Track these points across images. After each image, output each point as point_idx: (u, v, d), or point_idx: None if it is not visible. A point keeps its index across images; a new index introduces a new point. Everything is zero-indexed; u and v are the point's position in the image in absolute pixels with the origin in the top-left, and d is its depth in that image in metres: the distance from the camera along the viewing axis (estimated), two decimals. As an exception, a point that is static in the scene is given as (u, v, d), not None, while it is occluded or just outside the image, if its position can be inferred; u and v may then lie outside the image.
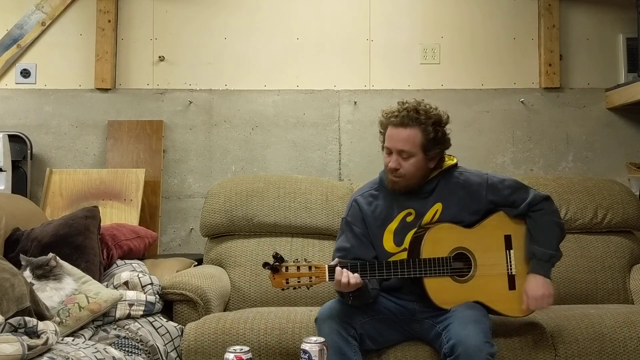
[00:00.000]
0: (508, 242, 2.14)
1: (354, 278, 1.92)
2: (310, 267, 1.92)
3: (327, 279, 1.92)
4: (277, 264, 1.89)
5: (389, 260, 2.05)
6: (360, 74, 3.51)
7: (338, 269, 1.93)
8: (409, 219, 2.16)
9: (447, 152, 2.21)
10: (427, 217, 2.14)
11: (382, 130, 2.17)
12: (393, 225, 2.16)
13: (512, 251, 2.14)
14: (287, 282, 1.90)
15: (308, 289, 1.95)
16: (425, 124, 2.07)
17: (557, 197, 2.84)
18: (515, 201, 2.15)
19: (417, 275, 2.03)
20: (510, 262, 2.13)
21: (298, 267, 1.91)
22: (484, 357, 1.85)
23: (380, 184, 2.25)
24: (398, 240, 2.15)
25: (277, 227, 2.85)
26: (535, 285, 2.08)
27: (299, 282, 1.91)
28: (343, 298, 2.05)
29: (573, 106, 3.47)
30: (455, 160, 2.22)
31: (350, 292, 1.98)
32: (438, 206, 2.15)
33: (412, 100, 2.14)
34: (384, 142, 2.16)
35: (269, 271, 1.90)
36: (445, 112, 2.15)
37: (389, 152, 2.13)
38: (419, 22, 3.52)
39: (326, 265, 1.93)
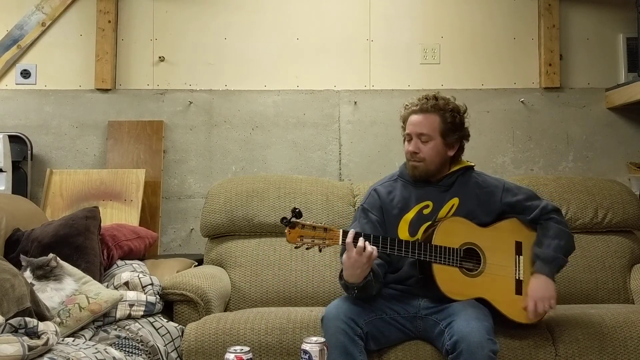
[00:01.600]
0: (519, 248, 2.18)
1: (370, 247, 1.94)
2: (325, 229, 1.96)
3: (340, 242, 1.96)
4: (294, 219, 1.92)
5: (400, 239, 2.07)
6: (360, 74, 3.51)
7: (352, 230, 1.96)
8: (426, 211, 2.20)
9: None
10: (443, 211, 2.19)
11: (403, 124, 2.27)
12: (409, 215, 2.20)
13: (521, 257, 2.16)
14: (302, 239, 1.94)
15: (320, 250, 1.98)
16: (443, 110, 2.20)
17: (557, 197, 2.85)
18: (528, 207, 2.22)
19: (427, 259, 2.04)
20: (519, 267, 2.15)
21: (314, 227, 1.95)
22: (487, 354, 1.85)
23: (399, 176, 2.31)
24: (413, 231, 2.18)
25: (277, 227, 2.83)
26: (538, 286, 2.10)
27: (312, 241, 1.94)
28: (348, 291, 2.07)
29: (573, 106, 3.48)
30: (473, 164, 2.31)
31: (355, 286, 1.99)
32: (455, 201, 2.20)
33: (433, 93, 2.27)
34: (405, 133, 2.26)
35: (285, 226, 1.93)
36: (463, 104, 2.28)
37: (409, 139, 2.21)
38: (419, 22, 3.52)
39: (340, 230, 1.97)
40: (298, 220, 1.93)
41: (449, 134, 2.20)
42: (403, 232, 2.19)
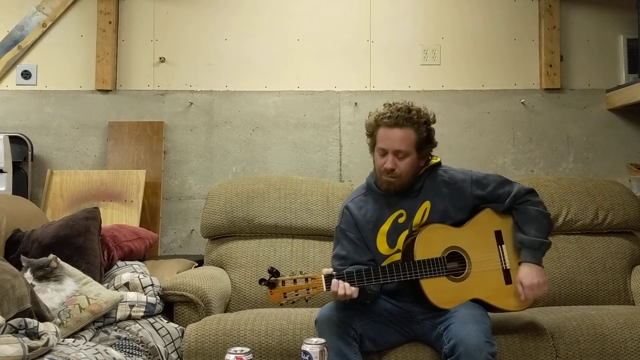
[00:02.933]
0: (499, 237, 2.15)
1: (350, 290, 1.93)
2: (306, 279, 1.93)
3: (324, 289, 1.94)
4: (273, 279, 1.90)
5: (384, 265, 2.05)
6: (360, 75, 3.51)
7: (334, 281, 1.94)
8: (401, 220, 2.17)
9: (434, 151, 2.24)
10: (418, 217, 2.16)
11: (370, 133, 2.18)
12: (385, 227, 2.17)
13: (503, 246, 2.14)
14: (285, 296, 1.91)
15: (306, 301, 1.95)
16: (418, 124, 2.11)
17: (557, 198, 2.85)
18: (500, 196, 2.17)
19: (413, 278, 2.03)
20: (504, 256, 2.13)
21: (294, 280, 1.92)
22: (485, 356, 1.85)
23: (368, 188, 2.26)
24: (391, 242, 2.16)
25: (277, 228, 2.85)
26: (529, 274, 2.07)
27: (296, 294, 1.92)
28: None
29: (574, 107, 3.47)
30: (439, 159, 2.24)
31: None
32: (427, 204, 2.16)
33: (400, 101, 2.15)
34: (373, 144, 2.17)
35: (266, 287, 1.91)
36: (432, 112, 2.18)
37: (384, 153, 2.13)
38: (420, 23, 3.52)
39: (322, 276, 1.95)
40: (277, 278, 1.90)
41: (424, 147, 2.14)
42: (382, 245, 2.17)
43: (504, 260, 2.13)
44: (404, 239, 2.15)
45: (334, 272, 1.97)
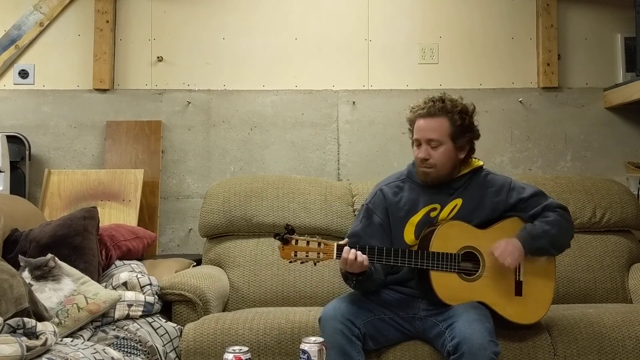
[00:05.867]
0: None
1: (361, 257, 1.94)
2: (319, 244, 1.95)
3: (334, 257, 1.95)
4: (287, 235, 1.91)
5: (397, 248, 2.05)
6: (358, 74, 3.51)
7: (347, 247, 1.95)
8: (433, 214, 2.17)
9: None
10: (445, 212, 2.16)
11: (410, 127, 2.21)
12: (416, 218, 2.17)
13: None
14: (295, 255, 1.93)
15: (315, 264, 1.97)
16: (451, 113, 2.13)
17: (555, 196, 2.82)
18: (531, 203, 2.18)
19: (424, 267, 2.03)
20: (520, 268, 2.12)
21: (308, 242, 1.94)
22: (489, 355, 1.85)
23: (407, 176, 2.26)
24: (417, 233, 2.16)
25: (275, 228, 2.83)
26: (510, 243, 2.08)
27: (306, 256, 1.93)
28: (347, 281, 2.08)
29: (571, 106, 3.48)
30: (482, 163, 2.25)
31: (354, 276, 2.00)
32: (458, 202, 2.17)
33: (440, 94, 2.20)
34: (413, 137, 2.20)
35: (279, 242, 1.92)
36: (471, 104, 2.21)
37: (419, 144, 2.16)
38: (418, 22, 3.52)
39: (335, 244, 1.96)
40: (292, 236, 1.92)
41: (459, 136, 2.14)
42: (409, 235, 2.17)
43: (519, 272, 2.12)
44: (423, 232, 2.15)
45: (348, 244, 1.98)
